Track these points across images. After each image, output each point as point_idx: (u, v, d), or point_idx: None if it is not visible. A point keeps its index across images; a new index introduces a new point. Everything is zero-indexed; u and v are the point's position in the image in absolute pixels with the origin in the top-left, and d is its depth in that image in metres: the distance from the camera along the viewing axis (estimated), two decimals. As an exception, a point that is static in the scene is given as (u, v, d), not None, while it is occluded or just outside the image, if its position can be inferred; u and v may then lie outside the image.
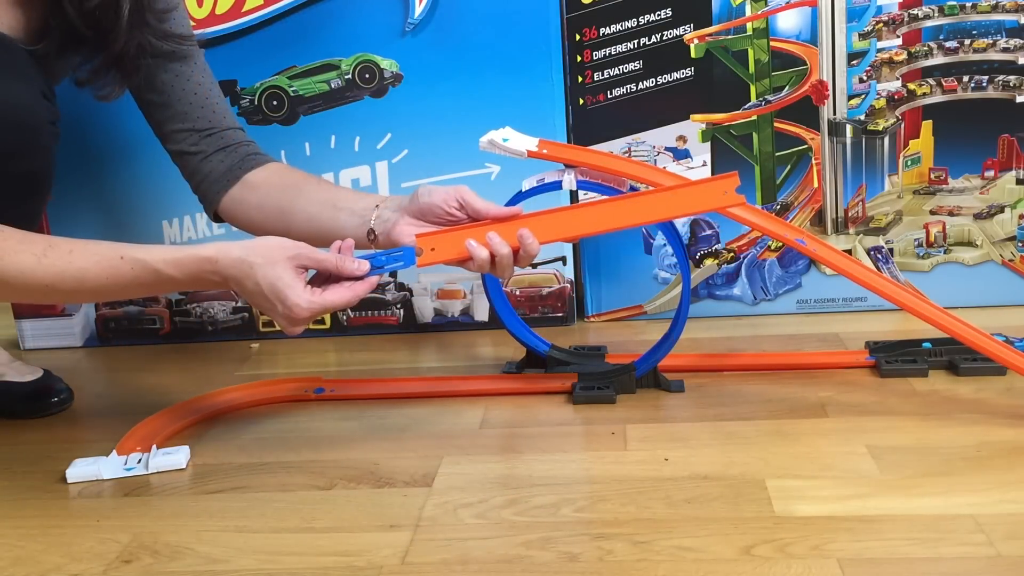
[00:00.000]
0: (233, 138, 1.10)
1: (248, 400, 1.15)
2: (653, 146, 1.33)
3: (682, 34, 1.30)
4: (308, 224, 1.05)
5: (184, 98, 1.08)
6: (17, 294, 1.03)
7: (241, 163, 1.09)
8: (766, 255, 1.36)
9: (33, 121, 1.01)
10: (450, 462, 0.97)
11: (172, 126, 1.09)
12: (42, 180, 1.08)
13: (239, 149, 1.10)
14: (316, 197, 1.05)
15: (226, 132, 1.10)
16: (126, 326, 1.44)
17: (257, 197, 1.08)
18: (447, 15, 1.29)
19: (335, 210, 1.04)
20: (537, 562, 0.79)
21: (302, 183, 1.08)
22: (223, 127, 1.10)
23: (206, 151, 1.09)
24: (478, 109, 1.31)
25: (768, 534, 0.80)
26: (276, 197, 1.07)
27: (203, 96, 1.08)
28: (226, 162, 1.09)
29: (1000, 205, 1.33)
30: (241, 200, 1.08)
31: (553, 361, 1.19)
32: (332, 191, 1.08)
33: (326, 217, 1.04)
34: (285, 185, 1.08)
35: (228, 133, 1.10)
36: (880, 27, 1.28)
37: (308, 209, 1.05)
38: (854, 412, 1.03)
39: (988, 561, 0.75)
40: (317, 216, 1.05)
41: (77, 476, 0.98)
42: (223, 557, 0.83)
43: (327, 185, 1.11)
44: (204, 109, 1.09)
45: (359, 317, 1.41)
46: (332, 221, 1.04)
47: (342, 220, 1.03)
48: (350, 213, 1.03)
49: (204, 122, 1.09)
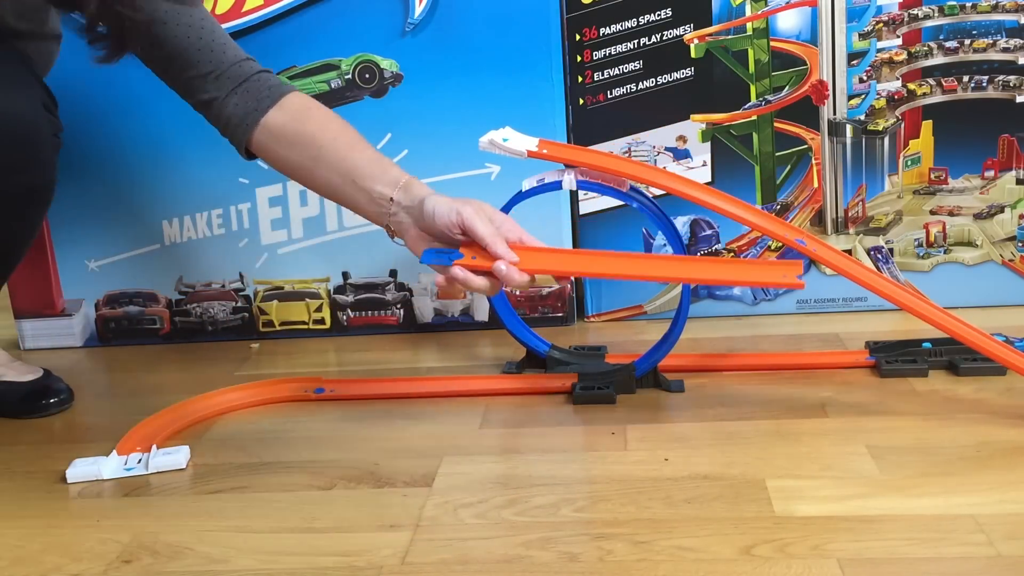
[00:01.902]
0: (241, 73, 1.05)
1: (248, 400, 1.15)
2: (653, 146, 1.33)
3: (682, 34, 1.30)
4: (330, 192, 1.05)
5: (179, 45, 1.03)
6: None
7: (257, 104, 1.04)
8: (766, 255, 1.36)
9: (35, 136, 1.01)
10: (450, 462, 0.97)
11: (180, 77, 1.04)
12: (43, 192, 1.07)
13: (251, 86, 1.05)
14: (336, 165, 1.03)
15: (232, 68, 1.04)
16: (126, 326, 1.44)
17: (281, 150, 1.04)
18: (447, 15, 1.29)
19: (354, 187, 1.02)
20: (537, 562, 0.79)
21: (319, 137, 1.03)
22: (228, 64, 1.04)
23: (218, 95, 1.04)
24: (478, 109, 1.31)
25: (768, 534, 0.80)
26: (298, 154, 1.04)
27: (196, 38, 1.03)
28: (241, 105, 1.04)
29: (1000, 205, 1.33)
30: (265, 148, 1.05)
31: (553, 361, 1.19)
32: (348, 156, 1.03)
33: (346, 192, 1.03)
34: (303, 141, 1.03)
35: (234, 69, 1.04)
36: (880, 27, 1.28)
37: (328, 178, 1.03)
38: (854, 412, 1.03)
39: (988, 561, 0.75)
40: (338, 188, 1.03)
41: (77, 476, 0.98)
42: (223, 557, 0.83)
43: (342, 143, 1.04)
44: (202, 52, 1.03)
45: (359, 317, 1.41)
46: (351, 199, 1.03)
47: (360, 201, 1.02)
48: (368, 199, 1.01)
49: (207, 65, 1.04)
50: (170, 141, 1.36)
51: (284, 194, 1.37)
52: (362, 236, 1.38)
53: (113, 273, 1.42)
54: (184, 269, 1.41)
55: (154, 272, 1.41)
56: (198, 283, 1.42)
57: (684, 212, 1.34)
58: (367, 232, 1.37)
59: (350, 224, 1.37)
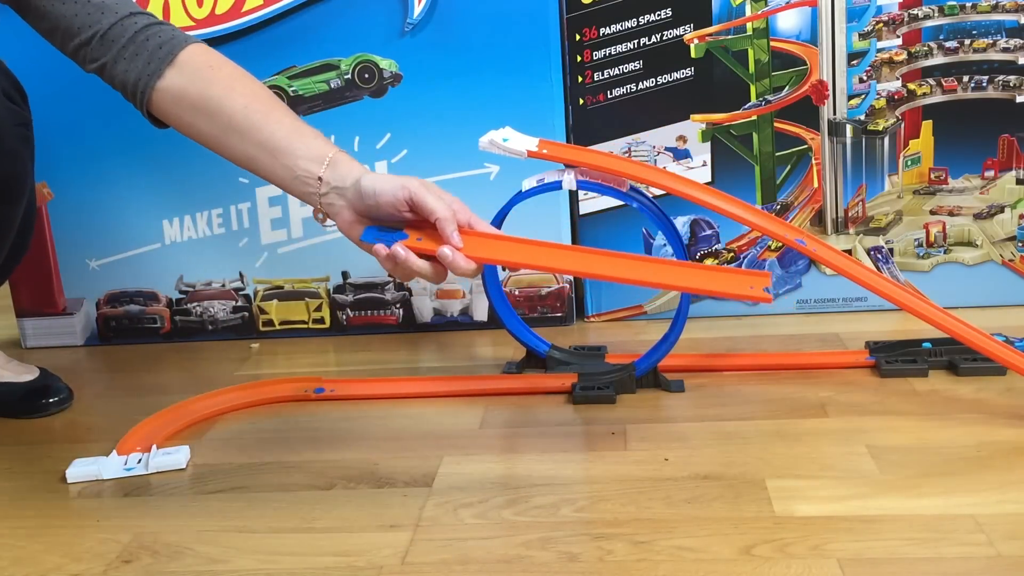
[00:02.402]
0: (124, 31, 0.93)
1: (248, 400, 1.15)
2: (653, 146, 1.33)
3: (682, 34, 1.29)
4: (249, 165, 0.94)
5: (58, 12, 0.93)
6: None
7: (147, 67, 0.93)
8: (766, 255, 1.36)
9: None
10: (450, 462, 0.97)
11: (68, 47, 0.95)
12: (14, 186, 1.02)
13: (139, 47, 0.93)
14: (249, 134, 0.92)
15: (114, 28, 0.93)
16: (127, 325, 1.44)
17: (187, 117, 0.94)
18: (446, 15, 1.29)
19: (274, 163, 0.92)
20: (537, 562, 0.79)
21: (227, 105, 0.92)
22: (108, 24, 0.93)
23: (106, 60, 0.94)
24: (478, 109, 1.31)
25: (768, 534, 0.80)
26: (206, 124, 0.93)
27: (72, 1, 0.93)
28: (132, 70, 0.93)
29: (1000, 205, 1.33)
30: (168, 114, 0.95)
31: (553, 361, 1.19)
32: (264, 126, 0.92)
33: (265, 166, 0.93)
34: (210, 109, 0.93)
35: (116, 28, 0.93)
36: (880, 27, 1.28)
37: (245, 150, 0.93)
38: (854, 412, 1.03)
39: (988, 561, 0.75)
40: (256, 161, 0.93)
41: (77, 476, 0.98)
42: (223, 557, 0.83)
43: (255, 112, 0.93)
44: (79, 16, 0.93)
45: (358, 317, 1.41)
46: (271, 174, 0.93)
47: (285, 179, 0.92)
48: (291, 176, 0.91)
49: (87, 30, 0.93)
50: (170, 141, 1.35)
51: (284, 194, 1.37)
52: (362, 236, 1.38)
53: (114, 272, 1.42)
54: (184, 268, 1.41)
55: (154, 271, 1.41)
56: (198, 282, 1.42)
57: (684, 212, 1.34)
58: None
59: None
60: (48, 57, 1.29)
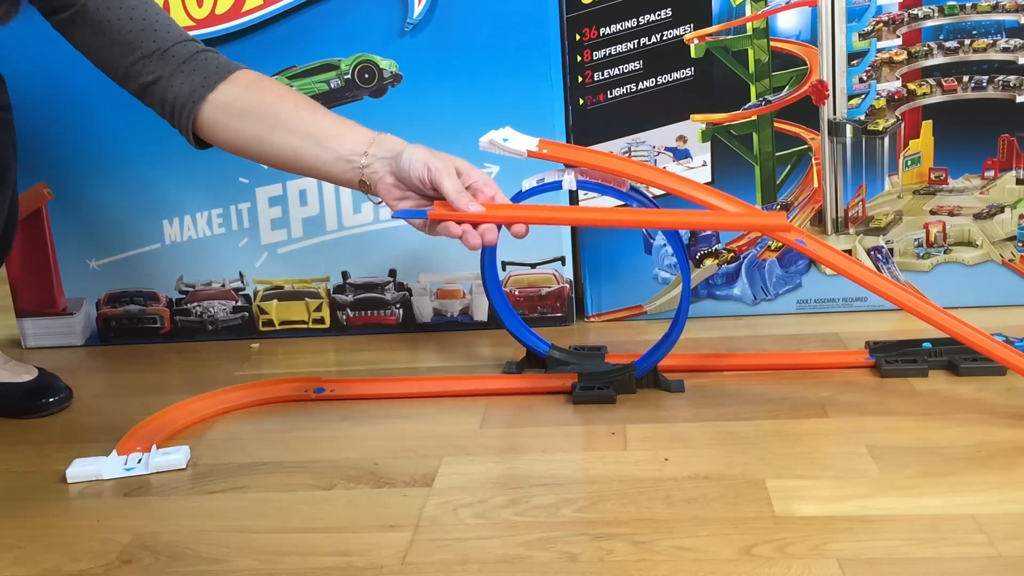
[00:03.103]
0: (186, 51, 1.00)
1: (248, 400, 1.15)
2: (653, 146, 1.33)
3: (682, 34, 1.29)
4: (291, 157, 0.99)
5: (121, 27, 0.99)
6: None
7: (204, 81, 0.99)
8: (766, 255, 1.36)
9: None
10: (450, 462, 0.97)
11: (122, 62, 1.00)
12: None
13: (198, 64, 1.00)
14: (297, 127, 0.98)
15: (176, 47, 1.00)
16: (127, 325, 1.44)
17: (233, 123, 0.99)
18: (446, 15, 1.29)
19: (319, 147, 0.98)
20: (537, 562, 0.79)
21: (277, 105, 0.99)
22: (171, 42, 1.00)
23: (163, 74, 0.99)
24: (478, 109, 1.31)
25: (768, 534, 0.80)
26: (253, 125, 0.99)
27: (139, 19, 0.99)
28: (187, 83, 0.99)
29: (1000, 205, 1.33)
30: (215, 123, 1.00)
31: (553, 361, 1.19)
32: (313, 123, 0.99)
33: (309, 156, 0.98)
34: (260, 110, 0.99)
35: (179, 47, 1.00)
36: (880, 27, 1.28)
37: (290, 142, 0.98)
38: (854, 412, 1.03)
39: (988, 561, 0.75)
40: (300, 151, 0.99)
41: (77, 476, 0.98)
42: (223, 557, 0.83)
43: (304, 110, 1.00)
44: (145, 32, 0.99)
45: (358, 317, 1.41)
46: (315, 159, 0.98)
47: (327, 162, 0.98)
48: (337, 156, 0.97)
49: (151, 45, 0.99)
50: (170, 141, 1.35)
51: (284, 194, 1.37)
52: (362, 236, 1.38)
53: (114, 272, 1.42)
54: (184, 268, 1.41)
55: (154, 271, 1.41)
56: (198, 282, 1.42)
57: (684, 212, 1.34)
58: (367, 232, 1.37)
59: (350, 224, 1.37)
60: (49, 60, 1.30)
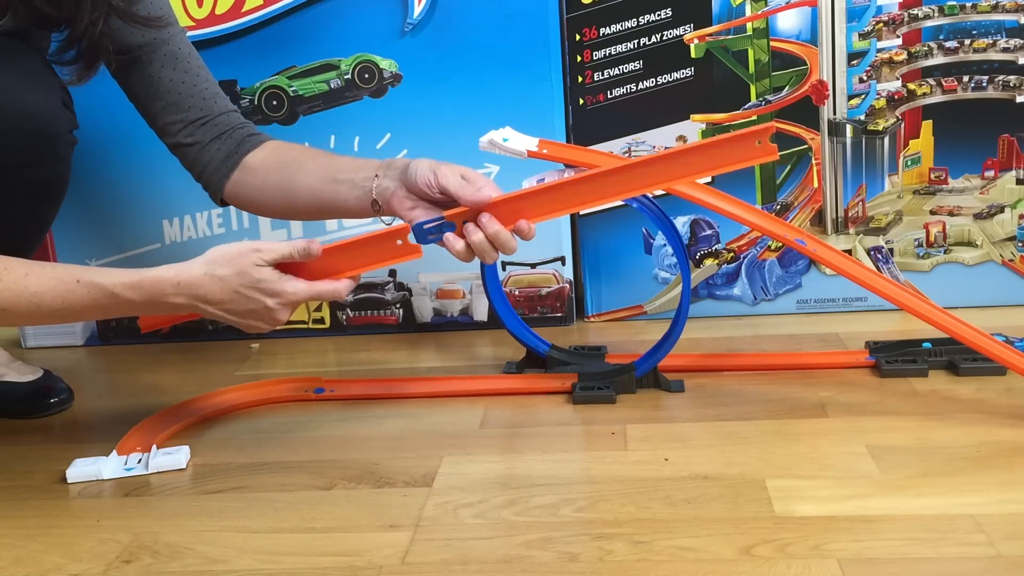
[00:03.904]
0: (228, 123, 1.08)
1: (248, 400, 1.15)
2: (653, 146, 1.33)
3: (682, 34, 1.30)
4: (311, 199, 1.05)
5: (173, 88, 1.06)
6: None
7: (238, 147, 1.07)
8: (766, 255, 1.36)
9: (52, 131, 1.02)
10: (450, 462, 0.97)
11: (166, 118, 1.07)
12: (57, 187, 1.08)
13: (235, 133, 1.08)
14: (316, 172, 1.05)
15: (219, 118, 1.08)
16: (127, 325, 1.43)
17: (258, 180, 1.07)
18: (446, 15, 1.29)
19: (336, 183, 1.03)
20: (537, 562, 0.79)
21: (300, 158, 1.07)
22: (216, 112, 1.08)
23: (202, 141, 1.07)
24: (478, 109, 1.31)
25: (768, 534, 0.80)
26: (276, 177, 1.06)
27: (191, 84, 1.06)
28: (223, 149, 1.07)
29: (1000, 205, 1.33)
30: (243, 184, 1.07)
31: (553, 361, 1.19)
32: (331, 163, 1.06)
33: (328, 191, 1.04)
34: (284, 164, 1.07)
35: (222, 119, 1.08)
36: (880, 27, 1.28)
37: (310, 184, 1.05)
38: (854, 412, 1.03)
39: (988, 561, 0.75)
40: (319, 191, 1.04)
41: (77, 476, 0.98)
42: (223, 557, 0.83)
43: (325, 157, 1.09)
44: (195, 98, 1.07)
45: (358, 317, 1.41)
46: (334, 194, 1.04)
47: (343, 193, 1.03)
48: (351, 185, 1.03)
49: (197, 111, 1.07)
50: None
51: (284, 194, 1.37)
52: (362, 236, 1.38)
53: (113, 273, 1.42)
54: (184, 269, 1.41)
55: (154, 272, 1.41)
56: (198, 283, 1.41)
57: (684, 212, 1.34)
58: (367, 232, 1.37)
59: (350, 224, 1.37)
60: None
